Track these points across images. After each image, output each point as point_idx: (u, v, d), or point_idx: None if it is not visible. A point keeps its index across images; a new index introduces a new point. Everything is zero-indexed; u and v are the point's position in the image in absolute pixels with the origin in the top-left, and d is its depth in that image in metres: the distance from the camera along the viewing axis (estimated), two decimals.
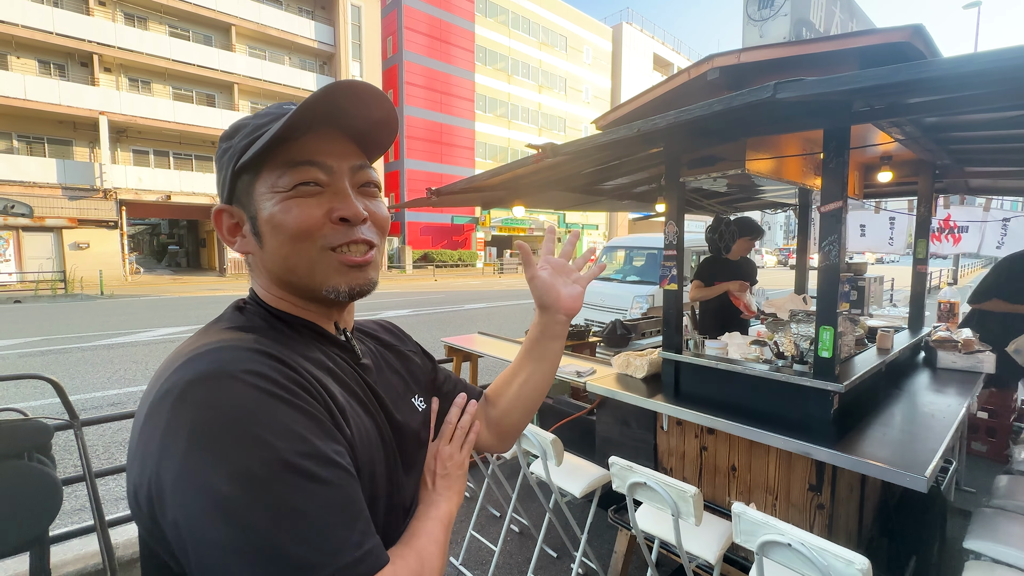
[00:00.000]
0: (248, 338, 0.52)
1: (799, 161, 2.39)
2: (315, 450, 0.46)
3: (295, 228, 0.55)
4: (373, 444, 0.57)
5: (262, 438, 0.43)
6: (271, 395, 0.46)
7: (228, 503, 0.41)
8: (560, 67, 34.28)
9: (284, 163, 0.56)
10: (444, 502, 0.67)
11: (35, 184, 16.29)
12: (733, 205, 3.94)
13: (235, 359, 0.47)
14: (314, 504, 0.44)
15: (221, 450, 0.42)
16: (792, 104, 1.57)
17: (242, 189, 0.58)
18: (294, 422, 0.46)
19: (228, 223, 0.60)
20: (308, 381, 0.51)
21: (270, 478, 0.42)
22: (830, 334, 1.74)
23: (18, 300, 13.25)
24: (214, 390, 0.45)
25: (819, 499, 1.83)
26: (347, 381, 0.60)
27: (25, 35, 15.99)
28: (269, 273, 0.60)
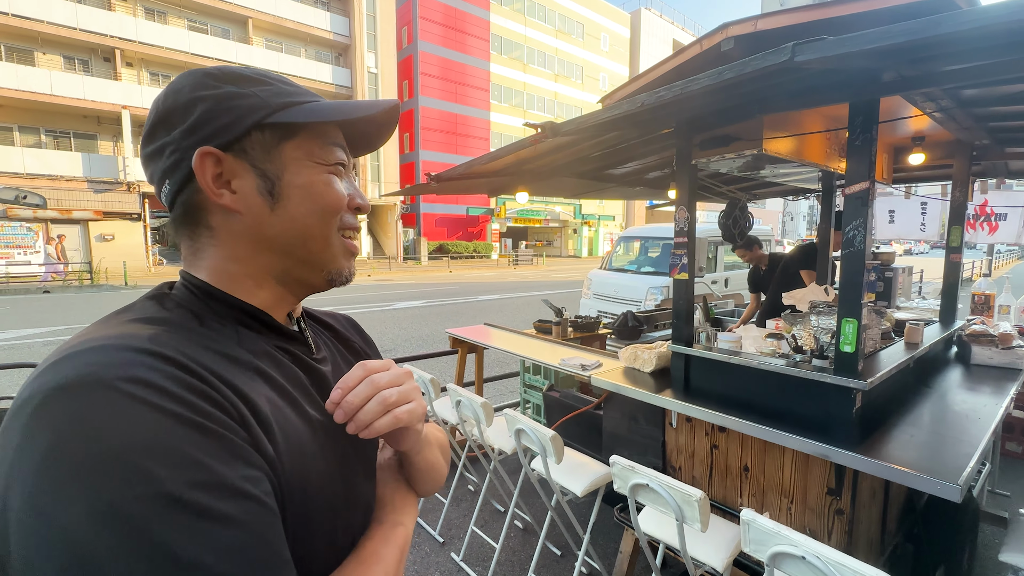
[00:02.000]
0: (143, 334, 0.42)
1: (822, 141, 2.22)
2: (216, 479, 0.37)
3: (333, 202, 0.55)
4: (310, 455, 0.48)
5: (141, 466, 0.34)
6: (159, 410, 0.37)
7: (86, 549, 0.32)
8: (577, 55, 33.74)
9: (325, 139, 0.55)
10: (403, 526, 0.60)
11: (62, 178, 16.76)
12: (752, 191, 3.76)
13: (115, 362, 0.38)
14: (210, 550, 0.34)
15: (83, 480, 0.33)
16: (813, 75, 1.43)
17: (259, 143, 0.51)
18: (189, 444, 0.37)
19: (213, 171, 0.49)
20: (216, 389, 0.41)
21: (148, 518, 0.33)
22: (853, 327, 1.61)
23: (47, 290, 13.70)
24: (82, 402, 0.35)
25: (838, 504, 1.70)
26: (284, 384, 0.50)
27: (50, 31, 16.35)
28: (262, 241, 0.52)
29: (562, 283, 16.56)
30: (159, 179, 0.51)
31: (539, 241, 35.39)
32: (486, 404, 2.19)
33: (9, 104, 16.38)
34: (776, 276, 3.60)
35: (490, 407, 2.21)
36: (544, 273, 21.18)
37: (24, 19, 15.83)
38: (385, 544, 0.55)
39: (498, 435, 2.43)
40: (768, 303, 3.77)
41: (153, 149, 0.51)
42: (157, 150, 0.51)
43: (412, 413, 0.53)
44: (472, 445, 2.59)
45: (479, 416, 2.21)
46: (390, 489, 0.63)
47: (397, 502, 0.62)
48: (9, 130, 16.91)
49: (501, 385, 5.14)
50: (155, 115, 0.51)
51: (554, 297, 11.56)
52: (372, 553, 0.53)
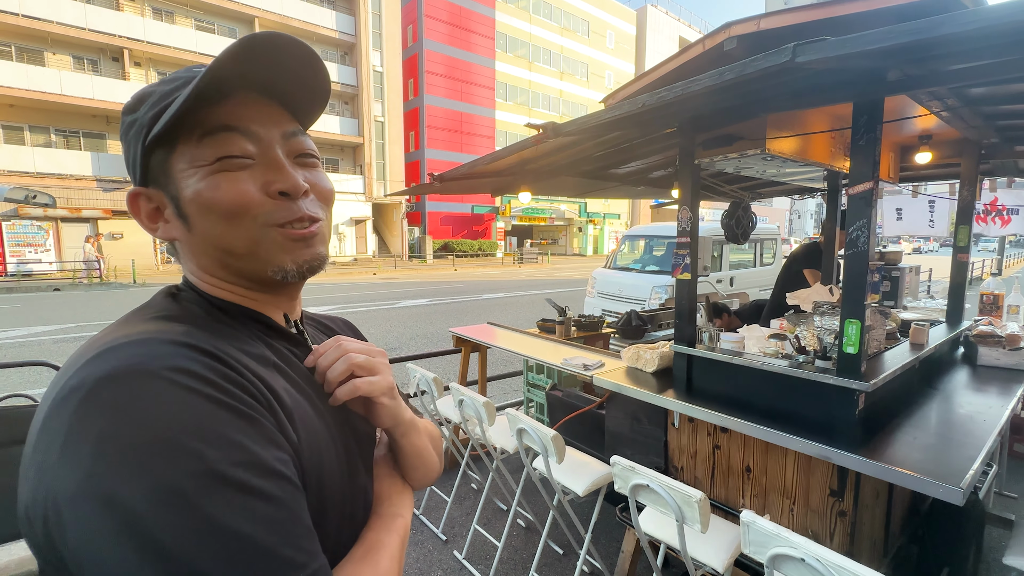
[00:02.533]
0: (177, 329, 0.45)
1: (827, 140, 2.21)
2: (254, 459, 0.39)
3: (228, 205, 0.48)
4: (324, 447, 0.51)
5: (189, 446, 0.37)
6: (202, 396, 0.39)
7: (145, 525, 0.34)
8: (582, 52, 33.61)
9: (202, 132, 0.48)
10: (401, 517, 0.61)
11: (71, 176, 16.95)
12: (757, 191, 3.73)
13: (159, 354, 0.40)
14: (253, 522, 0.37)
15: (136, 461, 0.35)
16: (817, 73, 1.42)
17: (157, 167, 0.50)
18: (229, 427, 0.39)
19: (146, 208, 0.51)
20: (248, 379, 0.44)
21: (199, 493, 0.36)
22: (856, 328, 1.60)
23: (57, 288, 13.85)
24: (131, 390, 0.37)
25: (841, 505, 1.69)
26: (296, 378, 0.53)
27: (59, 31, 16.51)
28: (203, 259, 0.52)
29: (567, 281, 16.54)
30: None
31: (544, 239, 35.36)
32: (488, 403, 2.20)
33: (20, 104, 16.56)
34: (780, 275, 3.58)
35: (492, 406, 2.22)
36: (549, 271, 21.16)
37: (34, 19, 16.00)
38: (388, 533, 0.56)
39: (500, 434, 2.44)
40: (772, 303, 3.75)
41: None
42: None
43: (372, 384, 0.55)
44: (475, 444, 2.60)
45: (481, 415, 2.22)
46: (387, 483, 0.64)
47: (394, 496, 0.63)
48: (20, 129, 17.10)
49: (505, 384, 5.15)
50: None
51: (558, 296, 11.55)
52: (377, 541, 0.55)
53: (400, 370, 4.65)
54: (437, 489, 2.99)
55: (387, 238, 26.64)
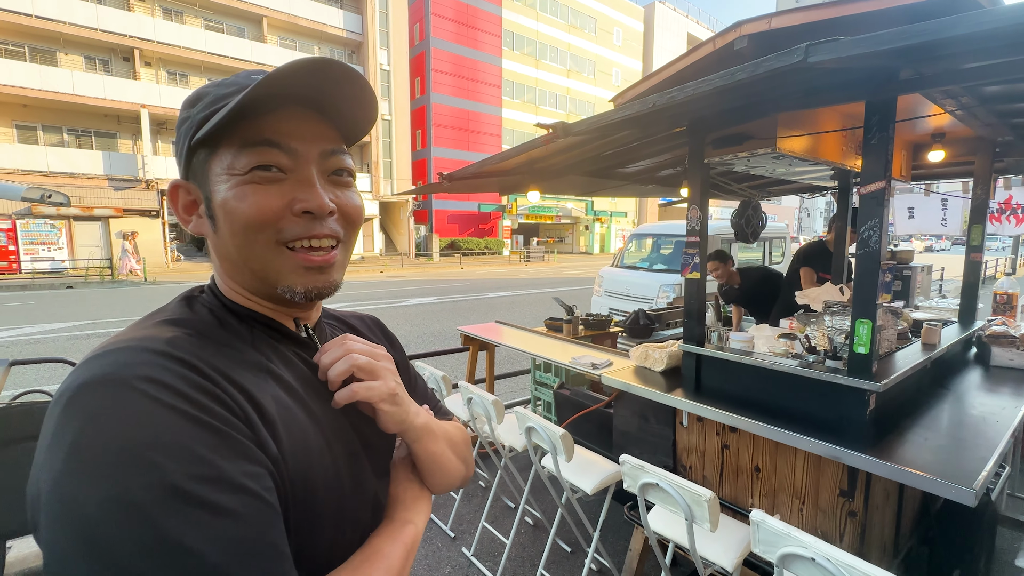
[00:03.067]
0: (164, 337, 0.45)
1: (838, 139, 2.19)
2: (218, 473, 0.39)
3: (249, 218, 0.49)
4: (316, 454, 0.50)
5: (149, 458, 0.37)
6: (167, 407, 0.39)
7: (97, 532, 0.35)
8: (589, 50, 33.46)
9: (242, 141, 0.49)
10: (412, 525, 0.60)
11: (84, 176, 17.16)
12: (766, 189, 3.71)
13: (134, 362, 0.41)
14: (206, 539, 0.37)
15: (98, 469, 0.36)
16: (828, 72, 1.42)
17: (199, 165, 0.52)
18: (193, 439, 0.39)
19: (184, 200, 0.54)
20: (225, 391, 0.44)
21: (153, 506, 0.36)
22: (867, 328, 1.59)
23: (70, 286, 14.06)
24: (102, 398, 0.39)
25: (851, 506, 1.69)
26: (293, 385, 0.52)
27: (72, 32, 16.71)
28: (224, 261, 0.54)
29: (573, 280, 16.52)
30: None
31: (551, 238, 35.31)
32: (497, 402, 2.21)
33: (33, 104, 16.80)
34: (787, 274, 3.57)
35: (501, 405, 2.23)
36: (555, 270, 21.14)
37: (47, 20, 16.20)
38: (392, 542, 0.55)
39: (509, 432, 2.46)
40: (781, 302, 3.74)
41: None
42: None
43: (371, 389, 0.54)
44: (483, 442, 2.62)
45: (490, 413, 2.23)
46: (402, 487, 0.63)
47: (408, 500, 0.62)
48: (33, 129, 17.35)
49: (512, 382, 5.16)
50: None
51: (565, 294, 11.54)
52: (377, 550, 0.54)
53: None
54: None
55: (394, 236, 26.74)
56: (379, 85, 23.39)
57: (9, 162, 15.97)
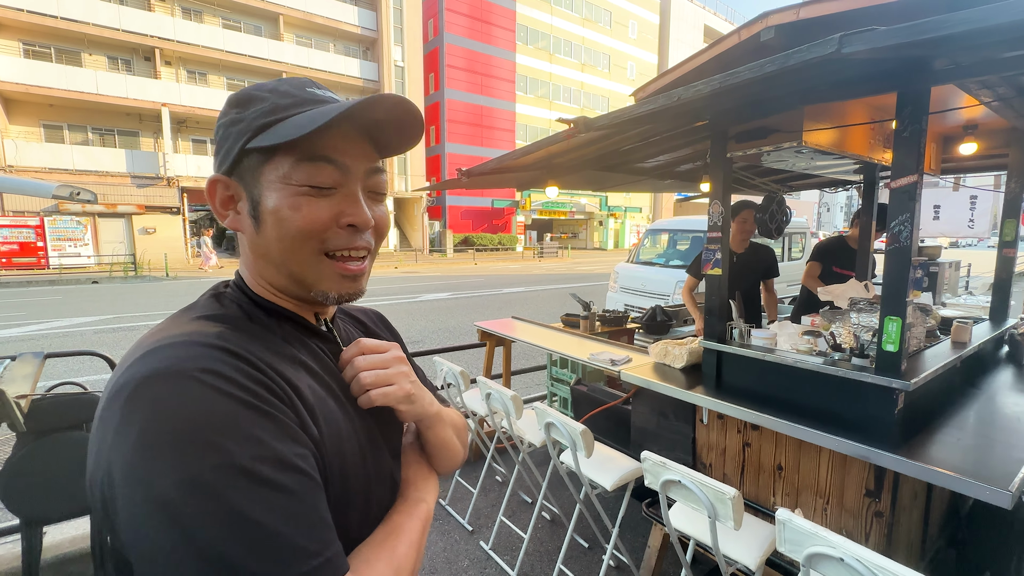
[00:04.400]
0: (212, 332, 0.49)
1: (866, 132, 2.14)
2: (274, 454, 0.43)
3: (301, 228, 0.53)
4: (346, 439, 0.54)
5: (216, 442, 0.41)
6: (229, 396, 0.43)
7: (175, 510, 0.39)
8: (604, 43, 33.13)
9: (300, 155, 0.52)
10: (425, 503, 0.64)
11: (107, 173, 17.59)
12: (788, 184, 3.64)
13: (193, 356, 0.44)
14: (269, 512, 0.41)
15: (170, 454, 0.40)
16: (859, 63, 1.38)
17: (247, 167, 0.54)
18: (252, 425, 0.43)
19: (222, 195, 0.56)
20: (272, 380, 0.48)
21: (222, 484, 0.40)
22: (897, 325, 1.55)
23: (95, 281, 14.45)
24: (167, 390, 0.42)
25: (877, 506, 1.66)
26: (322, 375, 0.57)
27: (95, 33, 17.09)
28: (259, 260, 0.57)
29: (588, 276, 16.44)
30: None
31: (564, 233, 35.18)
32: (516, 397, 2.22)
33: (59, 104, 17.24)
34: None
35: (520, 400, 2.24)
36: (569, 266, 21.06)
37: (72, 21, 16.59)
38: (409, 518, 0.60)
39: (528, 428, 2.46)
40: (802, 298, 3.68)
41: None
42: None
43: (386, 395, 0.59)
44: (501, 437, 2.63)
45: (509, 409, 2.24)
46: (413, 469, 0.68)
47: (419, 481, 0.67)
48: (59, 128, 17.82)
49: (528, 378, 5.17)
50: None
51: (580, 290, 11.50)
52: (398, 525, 0.58)
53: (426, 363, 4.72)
54: (463, 480, 3.04)
55: (408, 232, 26.90)
56: (393, 81, 23.48)
57: (37, 160, 16.43)
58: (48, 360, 2.16)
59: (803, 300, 3.61)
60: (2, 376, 1.94)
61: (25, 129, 17.11)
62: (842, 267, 3.25)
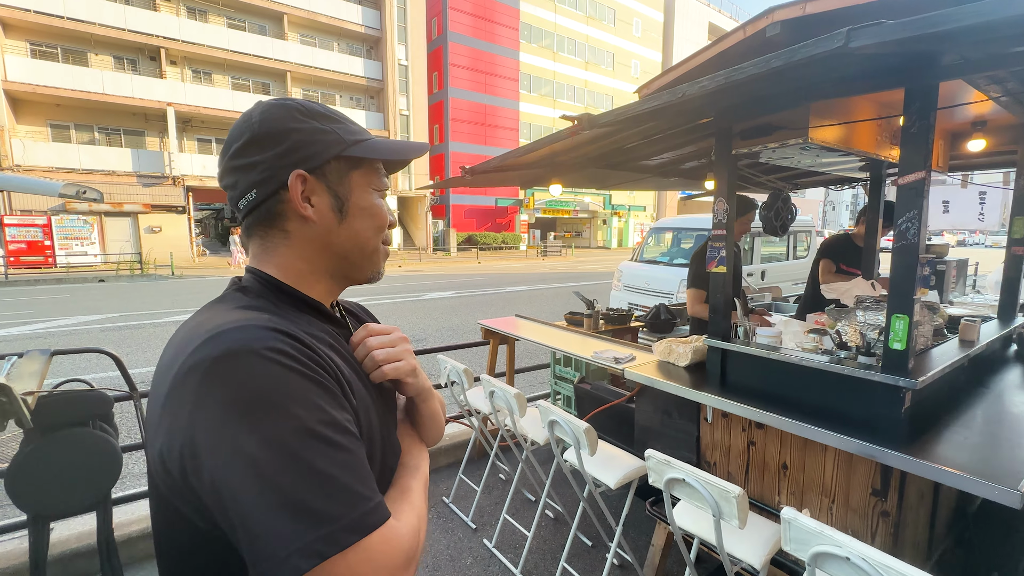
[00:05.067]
0: (263, 317, 0.56)
1: (873, 128, 2.12)
2: (332, 419, 0.51)
3: (383, 221, 0.69)
4: (371, 411, 0.63)
5: (289, 409, 0.49)
6: (293, 370, 0.51)
7: (262, 466, 0.46)
8: (608, 41, 33.03)
9: (380, 172, 0.69)
10: (420, 469, 0.72)
11: (114, 172, 17.70)
12: (794, 181, 3.62)
13: (257, 337, 0.51)
14: (334, 466, 0.49)
15: (253, 420, 0.47)
16: (867, 59, 1.37)
17: (335, 170, 0.64)
18: (314, 394, 0.51)
19: (303, 188, 0.63)
20: (321, 356, 0.56)
21: (298, 444, 0.48)
22: (904, 323, 1.54)
23: (102, 279, 14.54)
24: (242, 366, 0.49)
25: (884, 505, 1.65)
26: (347, 355, 0.65)
27: (101, 32, 17.18)
28: (325, 248, 0.65)
29: (591, 274, 16.42)
30: (245, 188, 0.62)
31: (568, 232, 35.13)
32: (519, 395, 2.22)
33: (66, 103, 17.35)
34: (812, 268, 3.50)
35: (523, 398, 2.24)
36: (572, 264, 21.03)
37: (78, 21, 16.68)
38: (414, 479, 0.68)
39: (531, 426, 2.46)
40: (806, 296, 3.65)
41: (245, 163, 0.61)
42: (249, 164, 0.61)
43: (397, 369, 0.68)
44: (504, 435, 2.63)
45: (512, 407, 2.24)
46: (407, 440, 0.76)
47: (414, 450, 0.75)
48: (66, 128, 17.93)
49: (531, 376, 5.17)
50: (250, 135, 0.61)
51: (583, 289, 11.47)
52: (407, 486, 0.66)
53: (430, 361, 4.73)
54: (466, 478, 3.04)
55: (412, 231, 26.93)
56: (397, 80, 23.49)
57: (44, 160, 16.55)
58: (55, 357, 2.17)
59: (808, 298, 3.59)
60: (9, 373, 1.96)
61: (32, 129, 17.22)
62: (848, 265, 3.23)
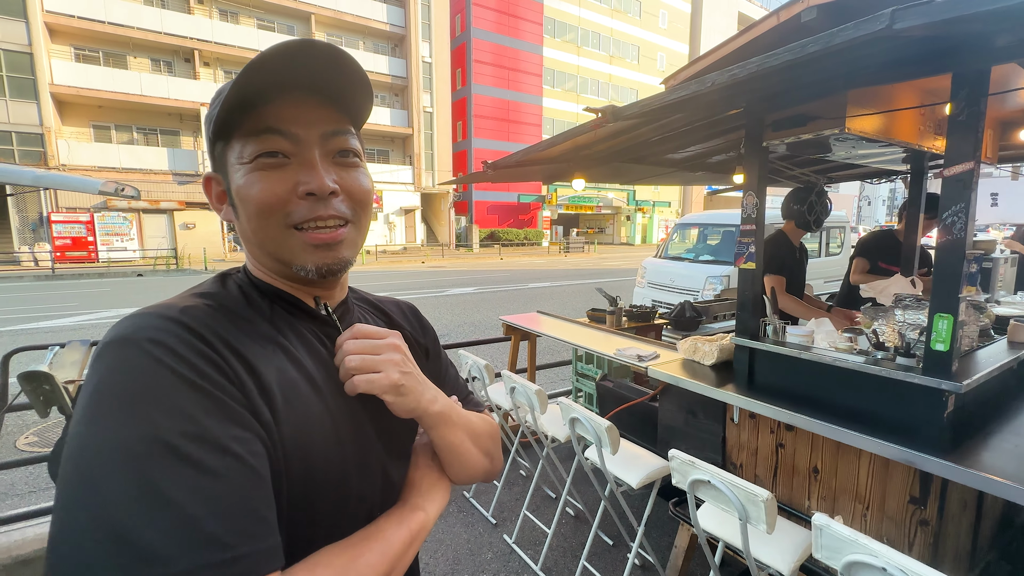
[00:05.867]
0: (182, 306, 0.48)
1: (915, 117, 2.01)
2: (204, 434, 0.41)
3: (258, 204, 0.52)
4: (315, 425, 0.51)
5: (146, 413, 0.40)
6: (168, 369, 0.42)
7: (94, 470, 0.39)
8: (633, 34, 32.49)
9: (247, 132, 0.52)
10: (422, 511, 0.60)
11: (151, 171, 18.40)
12: (829, 175, 3.48)
13: (146, 326, 0.44)
14: (183, 490, 0.39)
15: (105, 417, 0.40)
16: (910, 42, 1.29)
17: (219, 157, 0.55)
18: (187, 401, 0.42)
19: (216, 190, 0.57)
20: (224, 359, 0.46)
21: (141, 455, 0.39)
22: (948, 323, 1.46)
23: (140, 274, 15.16)
24: (117, 355, 0.43)
25: (923, 514, 1.57)
26: (303, 359, 0.54)
27: (140, 36, 17.86)
28: (247, 243, 0.57)
29: (614, 271, 16.24)
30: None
31: (591, 228, 34.82)
32: (540, 391, 2.20)
33: (107, 105, 18.11)
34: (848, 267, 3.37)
35: (544, 395, 2.22)
36: (595, 261, 20.84)
37: (118, 26, 17.37)
38: (397, 525, 0.56)
39: (552, 423, 2.44)
40: (841, 295, 3.52)
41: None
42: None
43: (371, 383, 0.54)
44: (525, 431, 2.62)
45: (533, 403, 2.22)
46: (420, 473, 0.64)
47: (424, 487, 0.63)
48: (107, 128, 18.72)
49: (553, 373, 5.14)
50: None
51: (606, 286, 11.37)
52: (379, 531, 0.54)
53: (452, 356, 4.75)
54: None
55: (435, 227, 27.14)
56: (421, 78, 23.65)
57: (87, 159, 17.32)
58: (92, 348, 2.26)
59: (843, 296, 3.46)
60: (52, 362, 2.05)
61: (76, 129, 18.04)
62: (889, 263, 3.09)
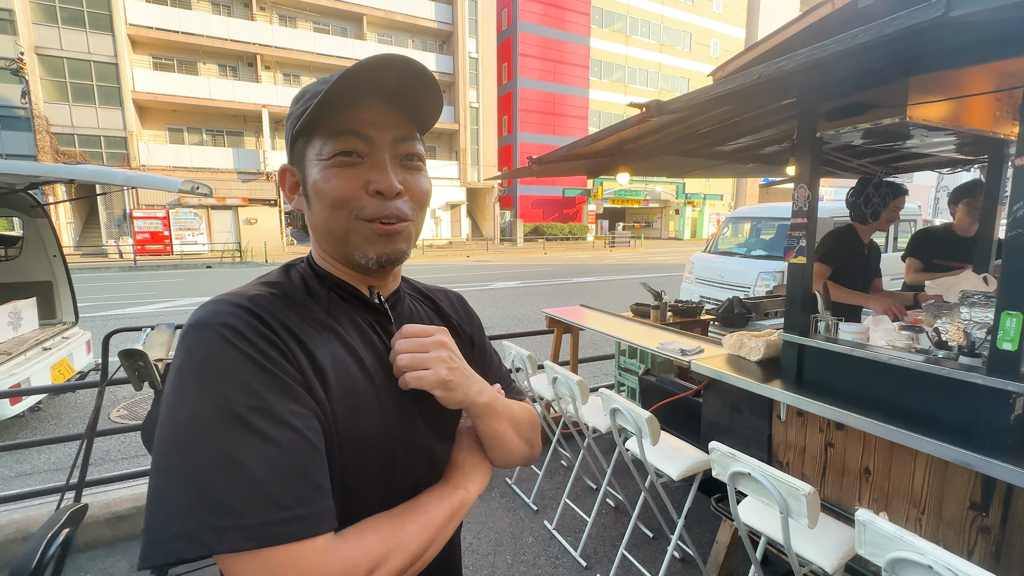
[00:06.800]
0: (250, 295, 0.55)
1: (989, 102, 1.88)
2: (267, 407, 0.48)
3: (333, 197, 0.58)
4: (364, 406, 0.57)
5: (219, 387, 0.47)
6: (237, 349, 0.49)
7: (180, 436, 0.46)
8: (685, 20, 31.30)
9: (328, 132, 0.58)
10: (463, 489, 0.64)
11: (218, 170, 19.76)
12: (892, 165, 3.28)
13: (220, 312, 0.51)
14: (251, 457, 0.45)
15: (187, 390, 0.47)
16: (978, 25, 1.23)
17: (298, 152, 0.61)
18: (252, 377, 0.48)
19: (290, 181, 0.64)
20: (284, 342, 0.52)
21: (217, 424, 0.46)
22: (1016, 321, 1.38)
23: (209, 266, 16.35)
24: (196, 337, 0.50)
25: (984, 521, 1.49)
26: (356, 344, 0.60)
27: (208, 43, 19.16)
28: (315, 234, 0.64)
29: (660, 266, 15.86)
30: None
31: (637, 223, 34.08)
32: (582, 382, 2.25)
33: (180, 109, 19.59)
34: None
35: (586, 385, 2.26)
36: (641, 256, 20.42)
37: (190, 35, 18.73)
38: (439, 501, 0.61)
39: (593, 413, 2.48)
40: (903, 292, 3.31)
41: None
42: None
43: (420, 379, 0.59)
44: (567, 422, 2.67)
45: (575, 394, 2.27)
46: (464, 454, 0.69)
47: (467, 467, 0.67)
48: (180, 131, 20.26)
49: (595, 367, 5.15)
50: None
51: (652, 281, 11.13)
52: (422, 505, 0.59)
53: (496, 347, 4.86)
54: None
55: (480, 222, 27.47)
56: (467, 73, 23.91)
57: (163, 160, 18.84)
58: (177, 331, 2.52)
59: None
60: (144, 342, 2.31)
61: (154, 132, 19.64)
62: (946, 258, 2.89)
